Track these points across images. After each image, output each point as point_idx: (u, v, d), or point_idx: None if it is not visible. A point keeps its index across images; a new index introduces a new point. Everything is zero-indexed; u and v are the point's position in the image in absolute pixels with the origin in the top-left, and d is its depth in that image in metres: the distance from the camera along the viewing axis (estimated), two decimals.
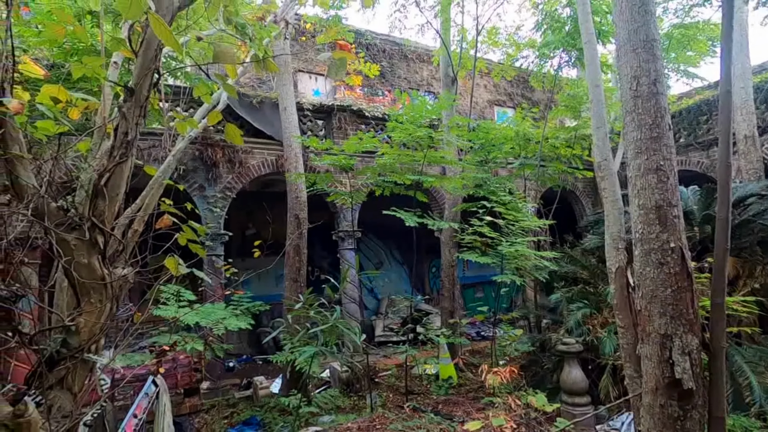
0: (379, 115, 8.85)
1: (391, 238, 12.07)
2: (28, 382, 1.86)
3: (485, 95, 15.00)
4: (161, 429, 3.81)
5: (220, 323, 4.71)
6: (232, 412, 6.33)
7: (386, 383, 7.14)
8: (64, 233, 1.91)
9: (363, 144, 5.66)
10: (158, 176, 2.67)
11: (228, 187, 7.21)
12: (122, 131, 2.09)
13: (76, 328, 1.93)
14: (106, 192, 2.05)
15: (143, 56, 2.12)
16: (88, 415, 2.23)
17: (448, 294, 7.64)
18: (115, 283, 2.07)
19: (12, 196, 1.98)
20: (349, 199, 6.74)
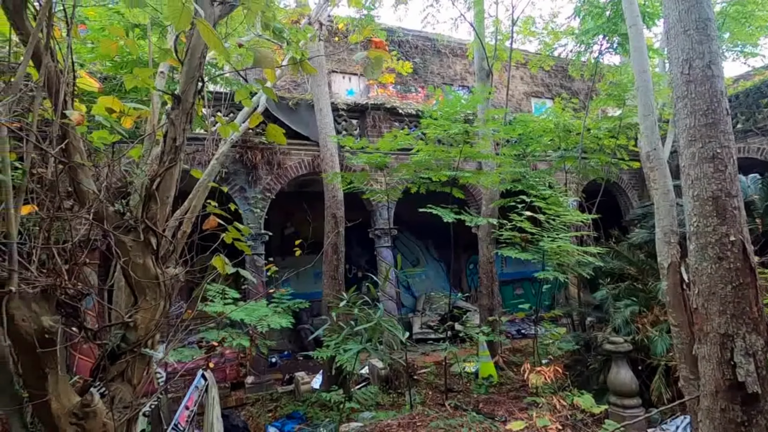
0: (412, 112, 8.81)
1: (427, 235, 12.01)
2: (93, 375, 2.00)
3: (521, 87, 14.59)
4: (211, 421, 3.98)
5: (263, 320, 4.86)
6: (275, 406, 6.53)
7: (425, 381, 7.13)
8: (122, 235, 2.04)
9: (397, 142, 5.66)
10: (204, 179, 2.79)
11: (267, 188, 7.41)
12: (171, 137, 2.20)
13: (134, 324, 2.05)
14: (158, 195, 2.16)
15: (188, 65, 2.21)
16: (147, 405, 2.38)
17: (486, 291, 7.51)
18: (167, 282, 2.18)
19: (74, 201, 2.13)
20: (384, 197, 6.76)
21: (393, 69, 8.74)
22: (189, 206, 2.76)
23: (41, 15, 1.59)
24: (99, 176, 2.24)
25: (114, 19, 4.35)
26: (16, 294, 1.55)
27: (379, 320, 4.33)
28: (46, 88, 1.82)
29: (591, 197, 7.92)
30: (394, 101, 8.88)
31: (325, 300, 6.58)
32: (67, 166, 1.80)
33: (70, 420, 1.79)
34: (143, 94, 4.85)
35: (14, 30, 1.83)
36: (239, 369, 6.87)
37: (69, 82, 1.95)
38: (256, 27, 3.53)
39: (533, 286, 13.38)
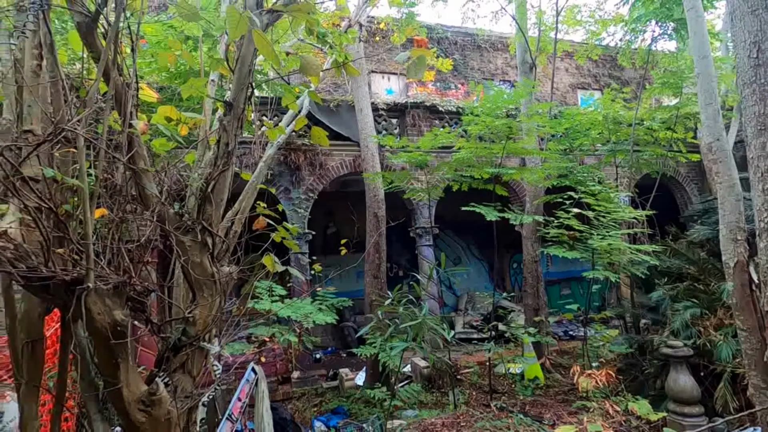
0: (452, 109, 8.71)
1: (469, 234, 11.85)
2: (157, 366, 2.15)
3: (567, 79, 14.03)
4: (261, 413, 4.14)
5: (308, 317, 5.00)
6: (320, 401, 6.70)
7: (468, 381, 7.05)
8: (181, 236, 2.17)
9: (438, 139, 5.62)
10: (253, 181, 2.91)
11: (310, 188, 7.60)
12: (224, 142, 2.31)
13: (193, 319, 2.18)
14: (212, 198, 2.28)
15: (239, 72, 2.32)
16: (205, 396, 2.52)
17: (531, 290, 7.31)
18: (222, 280, 2.31)
19: (138, 204, 2.30)
20: (425, 196, 6.74)
21: (433, 66, 8.69)
22: (239, 207, 2.88)
23: (110, 34, 1.73)
24: (160, 181, 2.40)
25: (168, 33, 4.62)
26: (93, 290, 1.70)
27: (425, 318, 4.33)
28: (114, 100, 1.98)
29: (644, 192, 7.49)
30: (434, 99, 8.82)
31: (368, 298, 6.66)
32: (134, 171, 1.94)
33: (138, 407, 1.93)
34: (194, 102, 5.13)
35: (86, 48, 2.00)
36: (286, 364, 7.11)
37: (133, 94, 2.11)
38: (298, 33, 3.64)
39: (581, 286, 12.85)
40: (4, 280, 1.96)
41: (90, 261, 1.71)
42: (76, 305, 1.64)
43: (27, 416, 1.83)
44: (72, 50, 2.70)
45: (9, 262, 1.61)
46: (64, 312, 1.88)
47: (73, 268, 1.73)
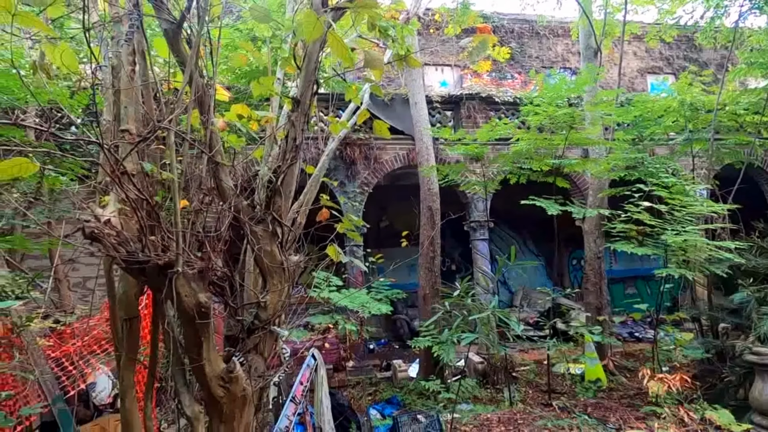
0: (509, 100, 8.45)
1: (524, 228, 11.48)
2: (233, 346, 2.32)
3: (635, 63, 13.07)
4: (320, 397, 4.32)
5: (364, 307, 5.12)
6: (374, 390, 6.84)
7: (524, 379, 6.87)
8: (254, 226, 2.32)
9: (496, 131, 5.48)
10: (316, 174, 3.02)
11: (365, 182, 7.73)
12: (292, 137, 2.42)
13: (264, 304, 2.32)
14: (281, 190, 2.40)
15: (306, 70, 2.41)
16: (276, 376, 2.68)
17: (593, 288, 6.96)
18: (291, 268, 2.43)
19: (215, 196, 2.47)
20: (481, 189, 6.62)
21: (489, 56, 8.46)
22: (304, 200, 3.01)
23: (195, 40, 1.87)
24: (235, 174, 2.57)
25: (234, 35, 4.89)
26: (181, 274, 1.87)
27: (494, 310, 4.26)
28: (196, 100, 2.14)
29: (726, 185, 6.83)
30: (490, 90, 8.60)
31: (422, 291, 6.68)
32: (215, 165, 2.10)
33: (218, 382, 2.09)
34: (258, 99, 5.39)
35: (172, 53, 2.18)
36: (341, 353, 7.34)
37: (211, 94, 2.27)
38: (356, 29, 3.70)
39: (648, 285, 12.02)
40: (107, 264, 2.20)
41: (179, 247, 1.88)
42: (168, 287, 1.81)
43: (126, 384, 2.06)
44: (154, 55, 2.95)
45: (113, 247, 1.80)
46: (156, 293, 2.08)
47: (164, 254, 1.91)
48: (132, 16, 2.10)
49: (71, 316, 5.35)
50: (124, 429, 2.10)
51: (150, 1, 2.06)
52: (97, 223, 1.81)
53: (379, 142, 7.80)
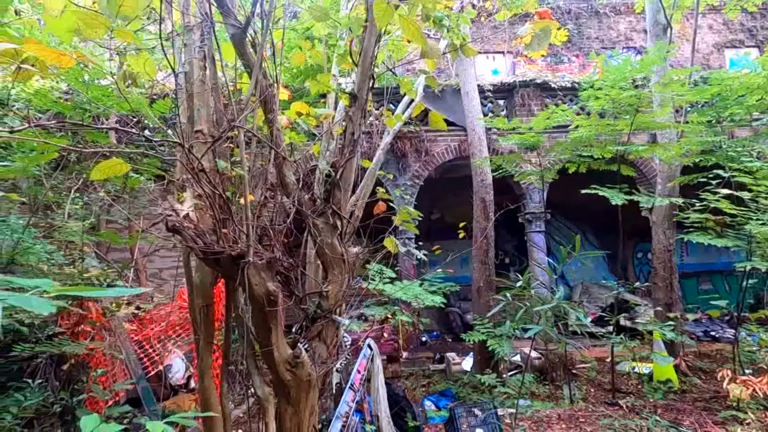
0: (567, 85, 8.04)
1: (583, 220, 10.92)
2: (299, 333, 2.44)
3: (710, 38, 11.91)
4: (376, 386, 4.41)
5: (418, 298, 5.15)
6: (428, 382, 6.88)
7: (585, 376, 6.59)
8: (316, 219, 2.41)
9: (554, 118, 5.25)
10: (372, 168, 3.07)
11: (416, 175, 7.73)
12: (350, 132, 2.49)
13: (326, 294, 2.42)
14: (340, 184, 2.48)
15: (362, 65, 2.46)
16: (338, 363, 2.79)
17: (663, 283, 6.49)
18: (350, 259, 2.51)
19: (279, 191, 2.60)
20: (537, 179, 6.39)
21: None
22: (360, 193, 3.08)
23: (261, 41, 1.97)
24: (296, 169, 2.68)
25: (289, 35, 5.05)
26: (252, 264, 1.99)
27: (560, 302, 4.14)
28: (260, 100, 2.26)
29: None
30: (546, 75, 8.23)
31: (475, 284, 6.59)
32: (280, 161, 2.20)
33: (286, 367, 2.21)
34: (312, 97, 5.55)
35: (238, 56, 2.31)
36: (395, 343, 7.43)
37: (275, 94, 2.38)
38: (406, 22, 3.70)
39: (727, 280, 11.02)
40: (185, 254, 2.39)
41: (250, 239, 2.00)
42: (241, 276, 1.94)
43: (204, 365, 2.24)
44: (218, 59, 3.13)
45: (192, 239, 1.96)
46: (230, 282, 2.24)
47: (235, 245, 2.04)
48: (204, 23, 2.25)
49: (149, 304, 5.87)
50: (203, 405, 2.28)
51: (219, 8, 2.20)
52: (178, 217, 1.98)
53: (429, 135, 7.75)
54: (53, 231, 4.89)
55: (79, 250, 5.18)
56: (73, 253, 5.06)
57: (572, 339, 8.38)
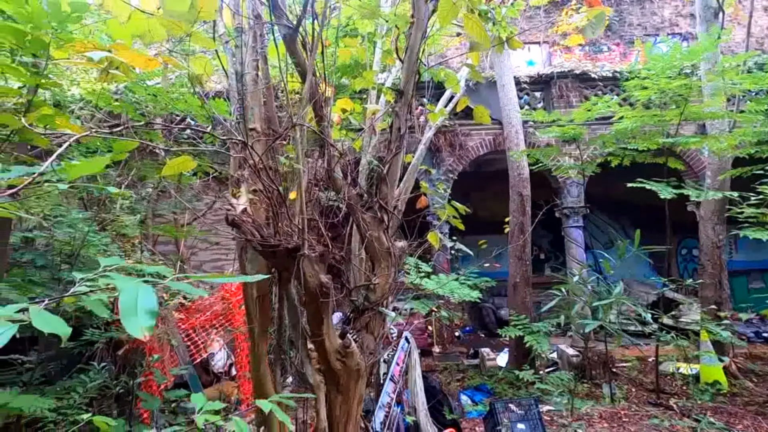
0: (607, 75, 7.76)
1: (623, 214, 10.56)
2: (347, 324, 2.51)
3: (765, 21, 11.16)
4: (414, 378, 4.47)
5: (453, 293, 5.16)
6: (462, 377, 6.88)
7: (626, 375, 6.42)
8: (363, 213, 2.46)
9: (595, 110, 5.09)
10: (414, 163, 3.10)
11: (450, 169, 7.69)
12: (396, 127, 2.52)
13: (373, 287, 2.47)
14: (387, 179, 2.52)
15: (408, 61, 2.47)
16: (385, 354, 2.85)
17: (711, 281, 6.21)
18: (396, 253, 2.55)
19: (328, 187, 2.67)
20: (575, 173, 6.23)
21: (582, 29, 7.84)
22: (403, 188, 3.11)
23: (313, 45, 2.02)
24: (343, 165, 2.74)
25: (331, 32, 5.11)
26: (306, 256, 2.07)
27: (618, 297, 4.05)
28: (311, 99, 2.32)
29: None
30: (585, 65, 7.97)
31: (511, 279, 6.52)
32: (340, 155, 2.26)
33: (336, 356, 2.29)
34: (348, 93, 5.61)
35: (289, 56, 2.37)
36: (428, 338, 7.47)
37: (327, 92, 2.44)
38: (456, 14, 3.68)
39: None
40: (239, 247, 2.51)
41: (304, 232, 2.08)
42: (296, 268, 2.02)
43: (259, 353, 2.34)
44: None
45: (250, 232, 2.05)
46: (283, 273, 2.33)
47: (290, 238, 2.12)
48: (256, 25, 2.33)
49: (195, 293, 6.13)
50: (257, 392, 2.40)
51: (271, 10, 2.27)
52: (236, 212, 2.07)
53: (464, 129, 7.68)
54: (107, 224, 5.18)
55: (131, 243, 5.48)
56: (125, 245, 5.36)
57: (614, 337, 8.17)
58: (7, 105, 3.56)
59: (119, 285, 0.62)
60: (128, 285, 0.62)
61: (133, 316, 0.55)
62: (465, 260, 10.61)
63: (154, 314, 0.56)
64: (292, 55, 2.35)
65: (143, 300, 0.57)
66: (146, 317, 0.56)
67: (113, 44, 1.22)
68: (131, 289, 0.59)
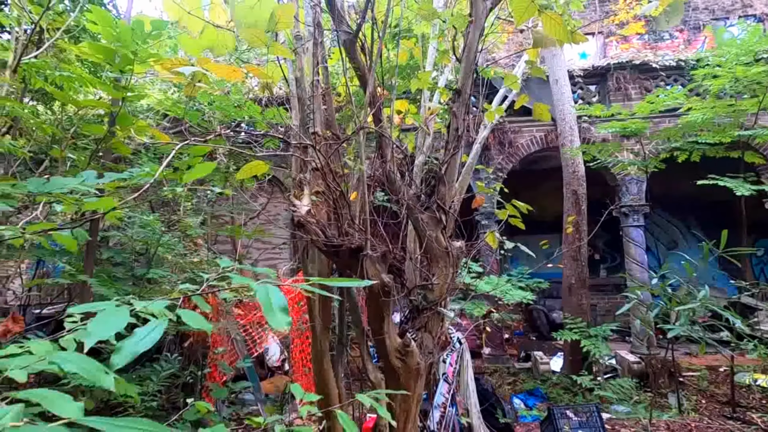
0: (671, 64, 7.26)
1: (688, 213, 9.86)
2: (405, 323, 2.53)
3: None
4: (466, 381, 4.43)
5: (506, 294, 5.05)
6: (513, 380, 6.72)
7: (694, 385, 5.99)
8: (421, 213, 2.48)
9: (660, 102, 4.79)
10: (470, 162, 3.07)
11: (499, 168, 7.52)
12: (453, 127, 2.51)
13: (432, 287, 2.48)
14: (445, 179, 2.52)
15: (466, 60, 2.46)
16: (444, 353, 2.86)
17: None
18: (454, 253, 2.54)
19: (384, 188, 2.70)
20: (635, 169, 5.89)
21: (642, 16, 7.40)
22: (459, 188, 3.09)
23: (378, 47, 2.06)
24: (400, 165, 2.77)
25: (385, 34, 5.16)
26: (368, 256, 2.11)
27: (704, 300, 3.82)
28: (371, 101, 2.37)
29: None
30: (645, 55, 7.51)
31: (566, 281, 6.29)
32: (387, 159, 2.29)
33: (396, 355, 2.32)
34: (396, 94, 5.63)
35: (349, 61, 2.43)
36: (477, 340, 7.36)
37: (388, 96, 2.48)
38: None
39: None
40: (301, 247, 2.60)
41: (367, 233, 2.12)
42: (359, 268, 2.07)
43: (322, 349, 2.42)
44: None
45: (315, 233, 2.13)
46: (344, 273, 2.39)
47: (353, 238, 2.18)
48: (316, 31, 2.41)
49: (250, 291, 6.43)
50: (320, 387, 2.48)
51: (331, 16, 2.34)
52: (301, 213, 2.16)
53: (513, 126, 7.48)
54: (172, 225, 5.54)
55: (194, 242, 5.83)
56: (189, 244, 5.71)
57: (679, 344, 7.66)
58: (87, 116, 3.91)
59: (254, 286, 0.68)
60: (259, 286, 0.67)
61: (272, 313, 0.60)
62: (514, 261, 10.33)
63: (286, 310, 0.61)
64: (352, 60, 2.41)
65: (275, 299, 0.63)
66: (282, 314, 0.61)
67: (199, 58, 1.32)
68: (262, 290, 0.65)
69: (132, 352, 0.52)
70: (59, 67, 2.62)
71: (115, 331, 0.52)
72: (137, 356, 0.53)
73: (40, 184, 1.54)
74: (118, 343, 0.53)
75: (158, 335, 0.55)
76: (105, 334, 0.51)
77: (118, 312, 0.54)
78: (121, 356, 0.52)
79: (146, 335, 0.54)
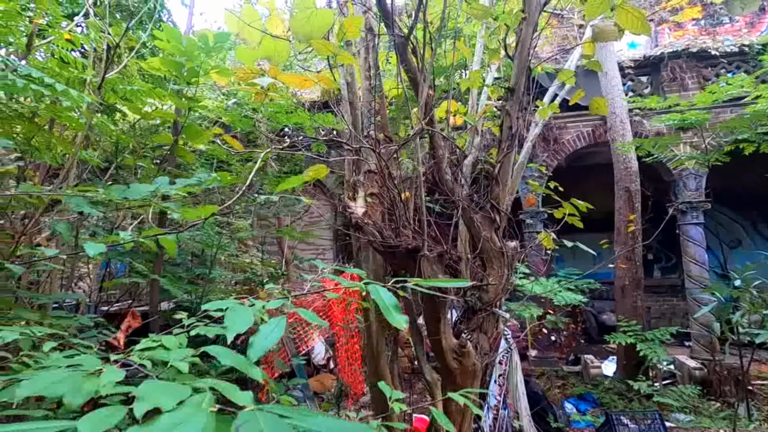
0: (732, 50, 6.78)
1: (753, 208, 9.17)
2: (461, 324, 2.53)
3: None
4: (515, 382, 4.34)
5: (557, 295, 4.91)
6: (563, 384, 6.51)
7: (765, 395, 5.57)
8: (474, 214, 2.47)
9: (723, 91, 4.49)
10: (521, 161, 3.02)
11: (544, 165, 7.32)
12: (507, 126, 2.48)
13: (487, 287, 2.46)
14: (499, 178, 2.49)
15: (519, 58, 2.43)
16: (500, 354, 2.83)
17: None
18: (509, 253, 2.51)
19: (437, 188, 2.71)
20: (693, 164, 5.55)
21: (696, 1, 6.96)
22: (510, 186, 3.05)
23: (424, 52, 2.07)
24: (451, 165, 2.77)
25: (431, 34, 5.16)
26: (425, 257, 2.13)
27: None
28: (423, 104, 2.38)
29: None
30: (703, 41, 7.05)
31: (619, 282, 6.02)
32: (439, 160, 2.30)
33: (452, 355, 2.32)
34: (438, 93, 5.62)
35: (400, 63, 2.46)
36: (523, 341, 7.19)
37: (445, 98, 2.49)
38: None
39: None
40: (356, 247, 2.66)
41: (423, 233, 2.14)
42: (417, 268, 2.09)
43: (379, 349, 2.46)
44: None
45: (372, 234, 2.17)
46: (400, 272, 2.42)
47: (409, 239, 2.20)
48: (369, 37, 2.46)
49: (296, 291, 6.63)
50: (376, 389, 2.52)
51: (384, 20, 2.37)
52: (358, 215, 2.21)
53: (558, 122, 7.25)
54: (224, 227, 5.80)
55: (244, 243, 6.06)
56: (240, 245, 5.95)
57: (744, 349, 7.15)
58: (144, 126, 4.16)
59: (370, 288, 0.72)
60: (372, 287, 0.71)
61: (389, 312, 0.64)
62: (558, 260, 10.00)
63: (399, 308, 0.65)
64: (403, 63, 2.43)
65: (387, 298, 0.66)
66: (398, 312, 0.64)
67: (271, 68, 1.39)
68: (375, 290, 0.69)
69: (263, 346, 0.58)
70: (128, 81, 2.82)
71: (247, 326, 0.57)
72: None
73: (122, 191, 1.67)
74: (250, 338, 0.58)
75: (281, 332, 0.60)
76: (240, 328, 0.57)
77: (244, 310, 0.60)
78: (254, 351, 0.57)
79: (271, 331, 0.59)
